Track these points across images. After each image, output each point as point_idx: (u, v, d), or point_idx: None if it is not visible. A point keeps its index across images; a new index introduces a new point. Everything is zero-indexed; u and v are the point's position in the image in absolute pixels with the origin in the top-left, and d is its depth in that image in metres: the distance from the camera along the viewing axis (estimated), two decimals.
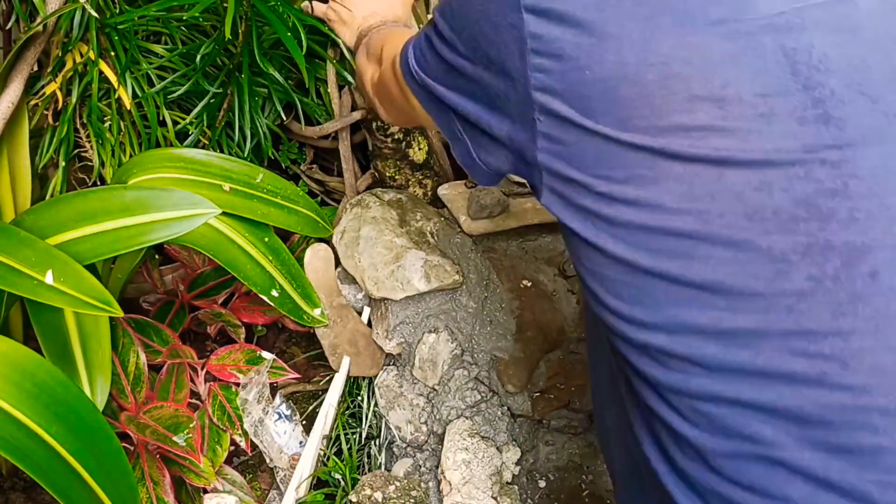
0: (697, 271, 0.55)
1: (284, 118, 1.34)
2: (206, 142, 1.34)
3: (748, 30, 0.55)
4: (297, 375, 1.23)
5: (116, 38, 1.20)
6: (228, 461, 1.20)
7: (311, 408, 1.29)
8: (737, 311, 0.54)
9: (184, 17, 1.23)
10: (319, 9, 1.16)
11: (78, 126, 1.26)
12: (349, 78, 1.35)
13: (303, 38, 1.18)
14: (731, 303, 0.54)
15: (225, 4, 1.11)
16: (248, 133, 1.29)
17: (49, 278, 0.86)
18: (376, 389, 1.25)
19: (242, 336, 1.31)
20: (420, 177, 1.42)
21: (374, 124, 1.36)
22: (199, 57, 1.17)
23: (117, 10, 1.20)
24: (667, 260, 0.56)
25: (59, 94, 1.20)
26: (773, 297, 0.53)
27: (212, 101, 1.26)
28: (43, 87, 1.20)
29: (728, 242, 0.54)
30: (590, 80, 0.55)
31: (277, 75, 1.23)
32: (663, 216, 0.55)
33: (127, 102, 1.23)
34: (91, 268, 0.94)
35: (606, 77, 0.55)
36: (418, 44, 0.72)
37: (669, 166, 0.54)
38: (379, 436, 1.25)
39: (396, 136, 1.37)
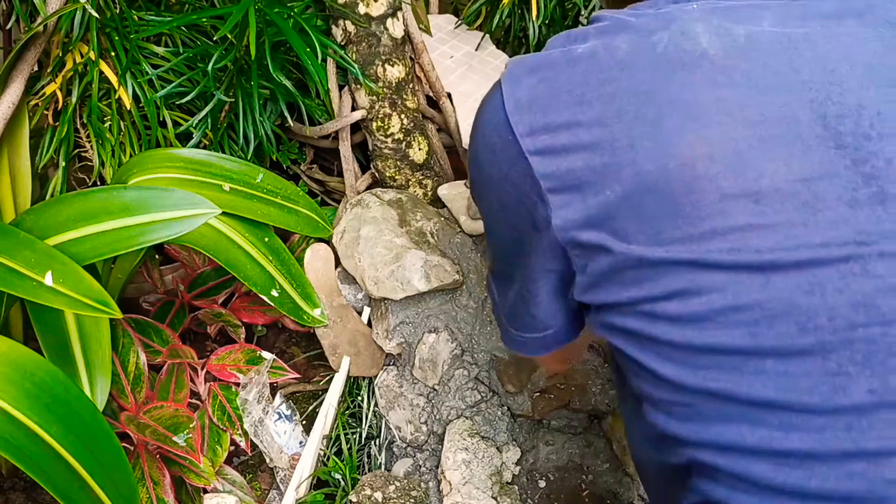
0: (748, 388, 0.50)
1: (289, 120, 1.35)
2: (208, 143, 1.34)
3: (775, 106, 0.49)
4: (297, 375, 1.23)
5: (117, 38, 1.20)
6: (228, 461, 1.20)
7: (311, 408, 1.29)
8: (790, 429, 0.49)
9: (208, 31, 1.23)
10: None
11: (78, 126, 1.26)
12: (349, 77, 1.35)
13: (317, 45, 1.18)
14: (785, 420, 0.49)
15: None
16: (252, 136, 1.29)
17: (48, 280, 0.86)
18: (376, 389, 1.25)
19: (242, 336, 1.31)
20: (420, 177, 1.42)
21: (373, 124, 1.36)
22: (210, 66, 1.17)
23: (118, 11, 1.20)
24: (715, 378, 0.51)
25: (59, 94, 1.20)
26: (830, 414, 0.48)
27: (216, 104, 1.26)
28: (43, 87, 1.20)
29: (780, 355, 0.49)
30: (612, 200, 0.51)
31: (286, 81, 1.23)
32: (709, 332, 0.50)
33: (127, 103, 1.23)
34: (91, 268, 0.94)
35: (629, 193, 0.50)
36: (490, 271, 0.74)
37: (710, 277, 0.49)
38: (379, 436, 1.25)
39: (396, 137, 1.37)
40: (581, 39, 0.55)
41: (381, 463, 1.23)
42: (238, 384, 1.17)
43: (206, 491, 1.10)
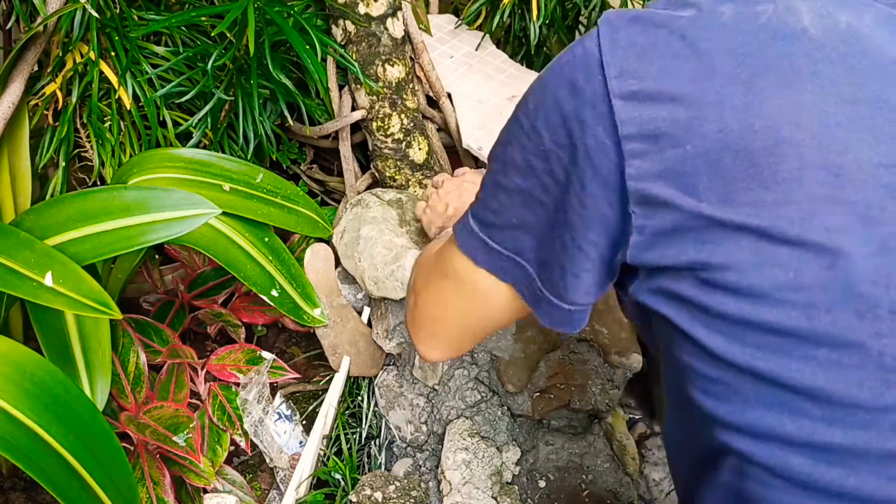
0: (794, 373, 0.48)
1: (289, 120, 1.35)
2: (208, 143, 1.34)
3: (869, 89, 0.49)
4: (297, 375, 1.23)
5: (117, 38, 1.20)
6: (228, 461, 1.20)
7: (311, 408, 1.29)
8: (833, 422, 0.48)
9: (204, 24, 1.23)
10: (420, 207, 1.08)
11: (78, 126, 1.26)
12: (349, 77, 1.35)
13: (317, 45, 1.18)
14: (828, 413, 0.47)
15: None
16: (252, 135, 1.29)
17: (48, 280, 0.86)
18: (376, 389, 1.25)
19: (242, 336, 1.31)
20: (420, 177, 1.42)
21: (373, 124, 1.36)
22: (209, 65, 1.17)
23: (118, 11, 1.20)
24: (763, 357, 0.49)
25: (59, 94, 1.20)
26: (878, 411, 0.47)
27: (215, 104, 1.26)
28: (43, 87, 1.20)
29: (834, 343, 0.47)
30: (691, 155, 0.50)
31: (286, 80, 1.23)
32: (764, 308, 0.48)
33: (127, 103, 1.23)
34: (91, 268, 0.94)
35: (709, 149, 0.49)
36: (480, 200, 0.64)
37: (774, 251, 0.48)
38: (379, 436, 1.25)
39: (396, 137, 1.37)
40: (684, 5, 0.55)
41: (381, 463, 1.24)
42: (238, 384, 1.18)
43: (206, 491, 1.10)
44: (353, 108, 1.38)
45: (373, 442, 1.26)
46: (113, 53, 1.22)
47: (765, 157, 0.48)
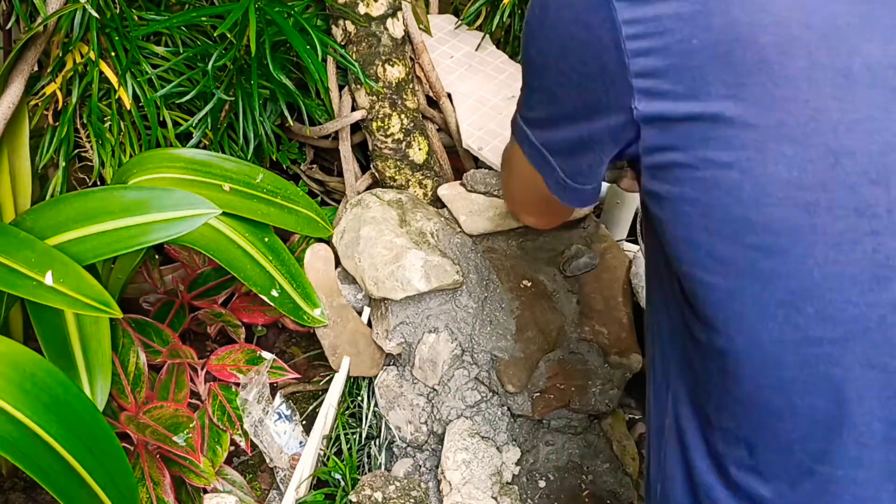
0: (791, 273, 0.49)
1: (289, 120, 1.35)
2: (208, 143, 1.34)
3: None
4: (297, 375, 1.23)
5: (117, 38, 1.20)
6: (228, 461, 1.20)
7: (311, 408, 1.29)
8: (825, 320, 0.49)
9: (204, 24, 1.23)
10: None
11: (78, 126, 1.26)
12: (349, 77, 1.35)
13: (317, 45, 1.18)
14: (821, 310, 0.49)
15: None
16: (252, 136, 1.29)
17: (49, 279, 0.86)
18: (376, 389, 1.25)
19: (242, 336, 1.31)
20: (420, 177, 1.42)
21: (373, 124, 1.36)
22: (209, 65, 1.17)
23: (118, 11, 1.20)
24: (763, 258, 0.50)
25: (59, 94, 1.20)
26: (867, 307, 0.48)
27: (215, 104, 1.26)
28: (43, 87, 1.20)
29: (832, 242, 0.48)
30: (697, 48, 0.49)
31: (287, 81, 1.23)
32: (766, 208, 0.49)
33: (127, 103, 1.23)
34: (91, 268, 0.94)
35: (716, 41, 0.49)
36: (521, 98, 0.69)
37: (780, 149, 0.48)
38: (379, 436, 1.25)
39: (396, 137, 1.37)
40: None
41: (381, 463, 1.24)
42: (238, 384, 1.18)
43: (206, 491, 1.10)
44: (353, 108, 1.38)
45: (373, 442, 1.26)
46: (113, 53, 1.22)
47: (775, 54, 0.48)
